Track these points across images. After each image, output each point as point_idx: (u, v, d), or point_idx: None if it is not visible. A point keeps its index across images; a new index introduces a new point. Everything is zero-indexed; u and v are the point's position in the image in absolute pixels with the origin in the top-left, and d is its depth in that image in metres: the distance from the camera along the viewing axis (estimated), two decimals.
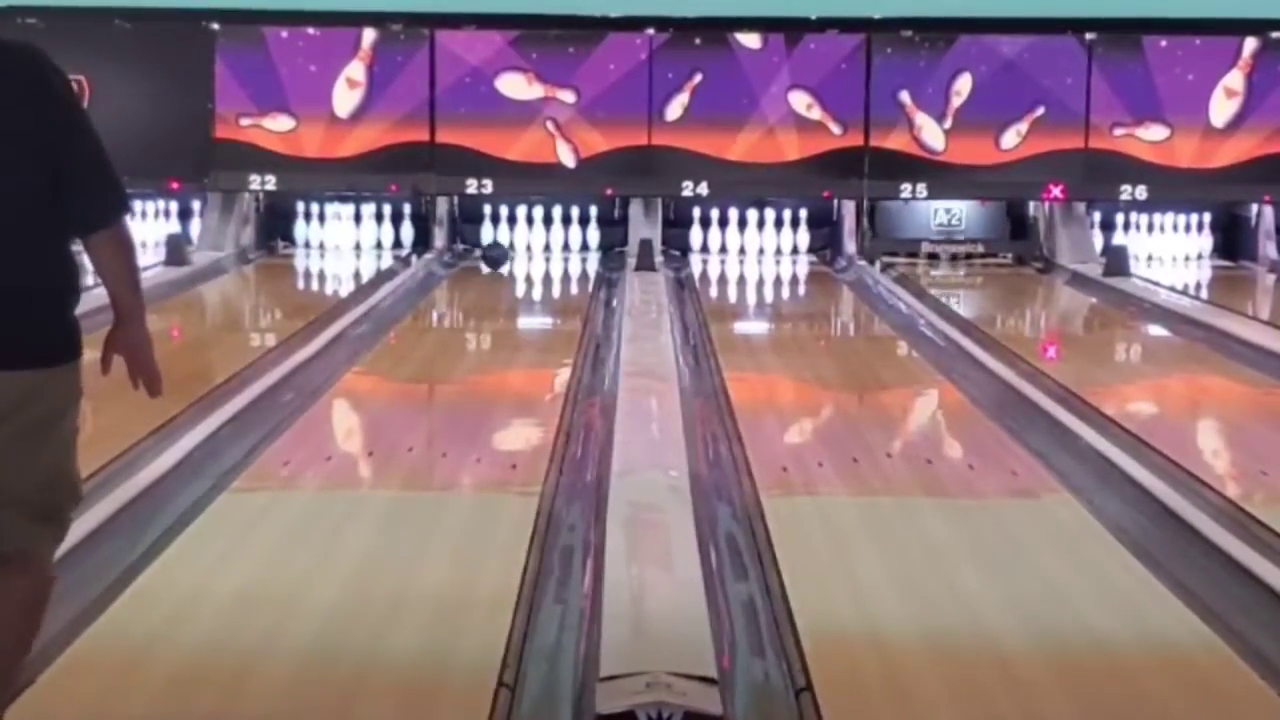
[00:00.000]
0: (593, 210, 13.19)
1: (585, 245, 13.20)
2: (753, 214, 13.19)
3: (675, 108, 12.85)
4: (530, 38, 12.79)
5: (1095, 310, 11.45)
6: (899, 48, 12.90)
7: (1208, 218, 13.40)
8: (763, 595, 4.46)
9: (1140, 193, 12.92)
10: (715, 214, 13.18)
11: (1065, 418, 6.78)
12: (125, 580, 4.47)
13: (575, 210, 13.18)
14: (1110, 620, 4.33)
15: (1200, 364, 8.81)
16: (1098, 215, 13.28)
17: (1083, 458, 6.20)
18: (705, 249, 13.17)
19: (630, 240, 12.74)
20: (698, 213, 13.18)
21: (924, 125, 12.89)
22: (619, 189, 12.99)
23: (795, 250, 13.19)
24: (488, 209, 13.16)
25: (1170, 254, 13.32)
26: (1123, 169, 12.86)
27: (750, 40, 12.85)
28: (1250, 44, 12.88)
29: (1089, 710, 3.74)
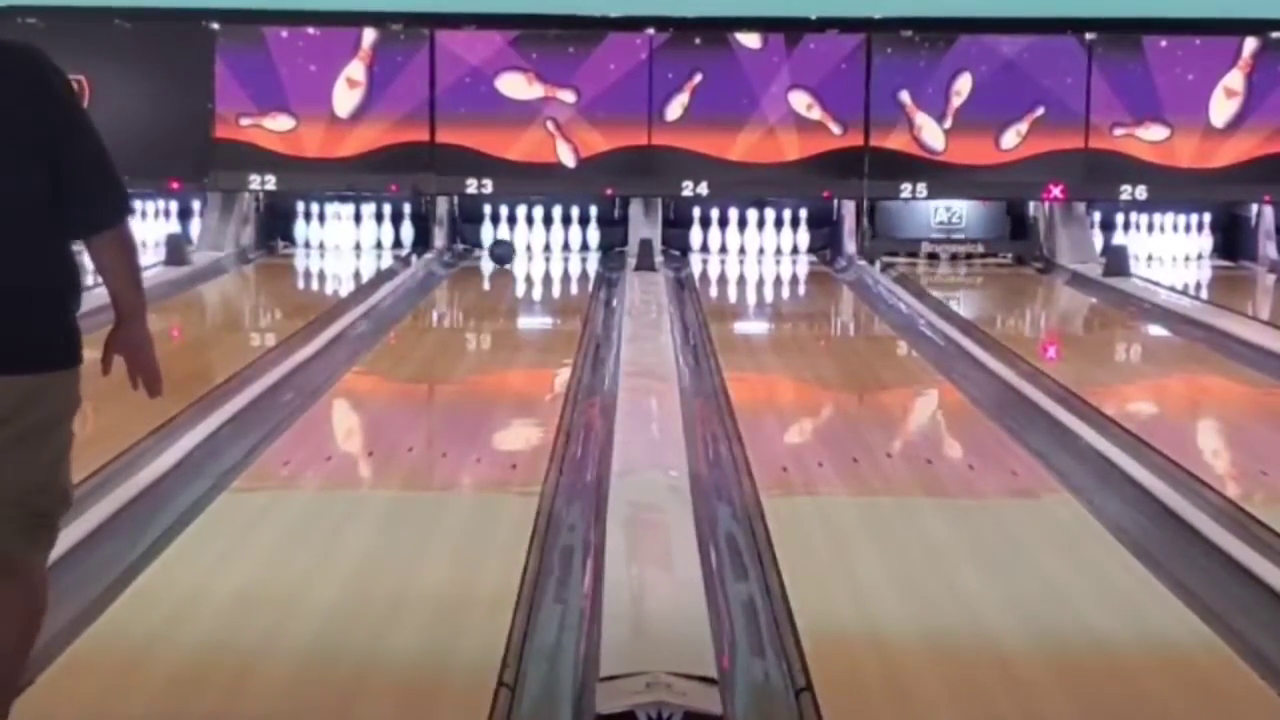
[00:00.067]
0: (593, 210, 13.19)
1: (585, 245, 13.20)
2: (753, 214, 13.19)
3: (675, 108, 12.85)
4: (530, 38, 12.79)
5: (1095, 310, 11.45)
6: (899, 48, 12.90)
7: (1208, 218, 13.41)
8: (763, 595, 4.46)
9: (1140, 193, 12.92)
10: (715, 214, 13.18)
11: (1065, 418, 6.77)
12: (125, 580, 4.46)
13: (575, 210, 13.18)
14: (1110, 620, 4.33)
15: (1200, 364, 8.81)
16: (1098, 215, 13.28)
17: (1083, 458, 6.19)
18: (705, 249, 13.17)
19: (630, 240, 12.74)
20: (698, 213, 13.18)
21: (924, 125, 12.89)
22: (619, 189, 12.99)
23: (795, 250, 13.19)
24: (488, 209, 13.16)
25: (1170, 254, 13.32)
26: (1123, 169, 12.86)
27: (750, 40, 12.85)
28: (1250, 44, 12.88)
29: (1089, 710, 3.74)
